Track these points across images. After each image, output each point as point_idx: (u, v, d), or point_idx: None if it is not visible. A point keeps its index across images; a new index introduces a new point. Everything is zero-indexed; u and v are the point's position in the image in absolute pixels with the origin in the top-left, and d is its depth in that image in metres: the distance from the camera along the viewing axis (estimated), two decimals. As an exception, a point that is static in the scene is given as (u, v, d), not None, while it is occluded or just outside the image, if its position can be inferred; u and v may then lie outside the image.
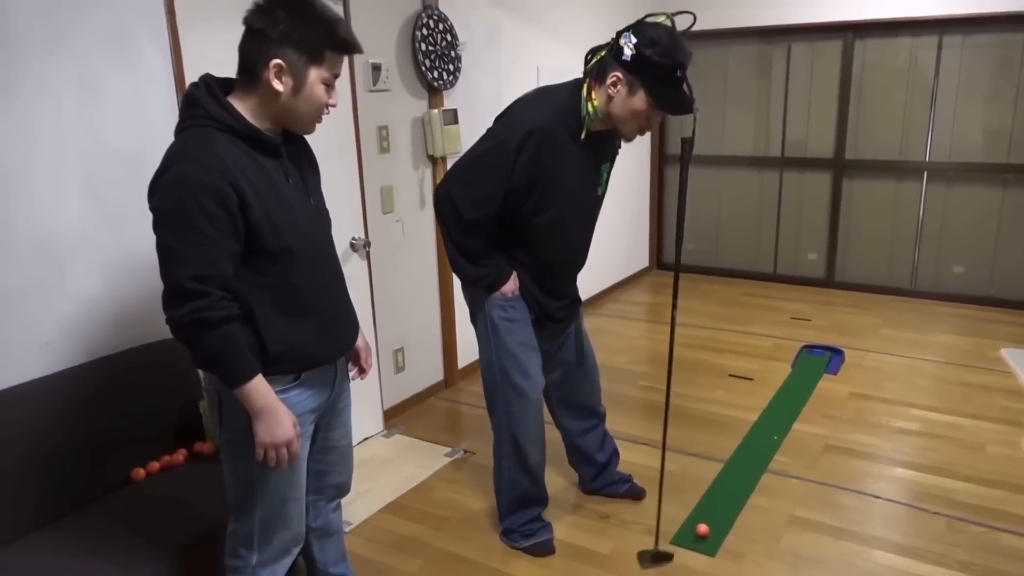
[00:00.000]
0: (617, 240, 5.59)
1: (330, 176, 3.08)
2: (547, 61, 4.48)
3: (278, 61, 1.57)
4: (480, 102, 3.94)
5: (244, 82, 1.63)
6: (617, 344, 4.54)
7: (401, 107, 3.42)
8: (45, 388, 2.18)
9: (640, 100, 2.16)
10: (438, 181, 3.65)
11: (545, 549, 2.59)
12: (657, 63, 2.09)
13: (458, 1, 3.68)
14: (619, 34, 2.14)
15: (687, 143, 2.22)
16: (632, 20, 2.17)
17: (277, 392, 1.68)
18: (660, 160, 6.15)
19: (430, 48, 3.46)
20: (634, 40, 2.09)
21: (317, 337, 1.76)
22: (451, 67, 3.61)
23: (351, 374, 2.06)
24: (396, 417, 3.60)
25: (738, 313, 5.12)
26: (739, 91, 5.73)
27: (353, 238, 3.20)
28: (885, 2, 4.93)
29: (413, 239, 3.62)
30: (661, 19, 2.16)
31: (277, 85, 1.59)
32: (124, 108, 2.32)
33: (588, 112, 2.21)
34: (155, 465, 2.33)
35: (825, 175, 5.53)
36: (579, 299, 2.68)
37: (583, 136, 2.25)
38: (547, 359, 2.60)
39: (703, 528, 2.64)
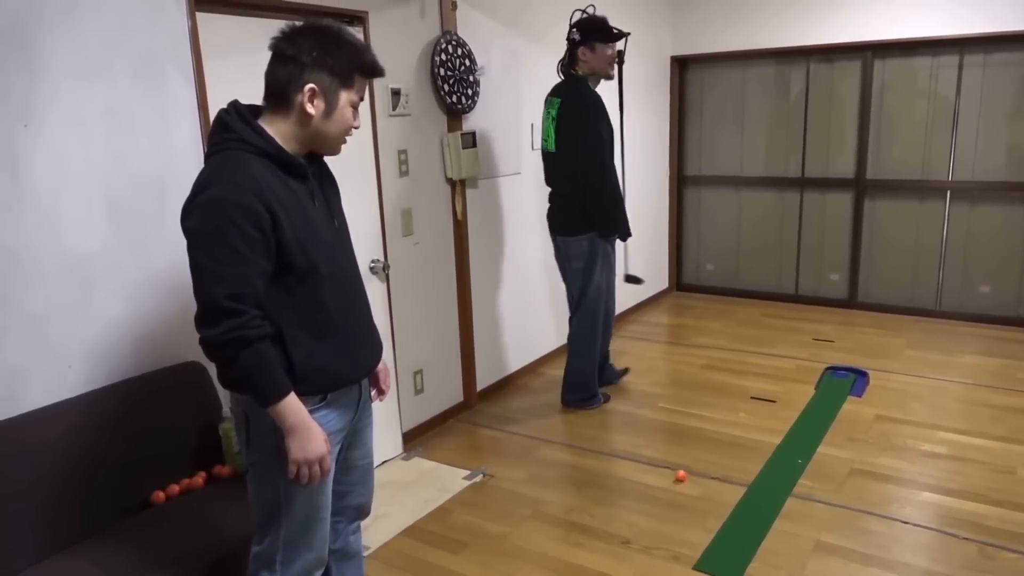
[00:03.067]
0: (636, 261, 5.56)
1: (350, 199, 3.11)
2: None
3: (312, 85, 1.62)
4: (498, 125, 3.97)
5: (274, 107, 1.67)
6: (637, 366, 4.50)
7: (420, 131, 3.46)
8: (67, 411, 2.20)
9: (602, 49, 3.55)
10: (457, 203, 3.68)
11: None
12: (589, 24, 3.59)
13: (476, 26, 3.73)
14: (569, 40, 3.64)
15: (620, 55, 3.69)
16: (647, 39, 2.52)
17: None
18: (678, 181, 6.14)
19: (449, 73, 3.50)
20: (575, 31, 3.60)
21: (344, 357, 1.77)
22: (469, 91, 3.64)
23: (371, 395, 2.07)
24: (415, 439, 3.59)
25: (760, 335, 5.06)
26: (757, 112, 5.73)
27: (373, 261, 3.22)
28: (904, 22, 4.92)
29: (432, 261, 3.63)
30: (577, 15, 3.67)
31: (310, 109, 1.63)
32: (149, 135, 2.37)
33: (585, 73, 3.62)
34: (175, 488, 2.34)
35: (846, 195, 5.49)
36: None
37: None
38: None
39: (681, 474, 3.15)
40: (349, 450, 1.96)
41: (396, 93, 3.26)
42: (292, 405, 1.64)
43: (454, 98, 3.54)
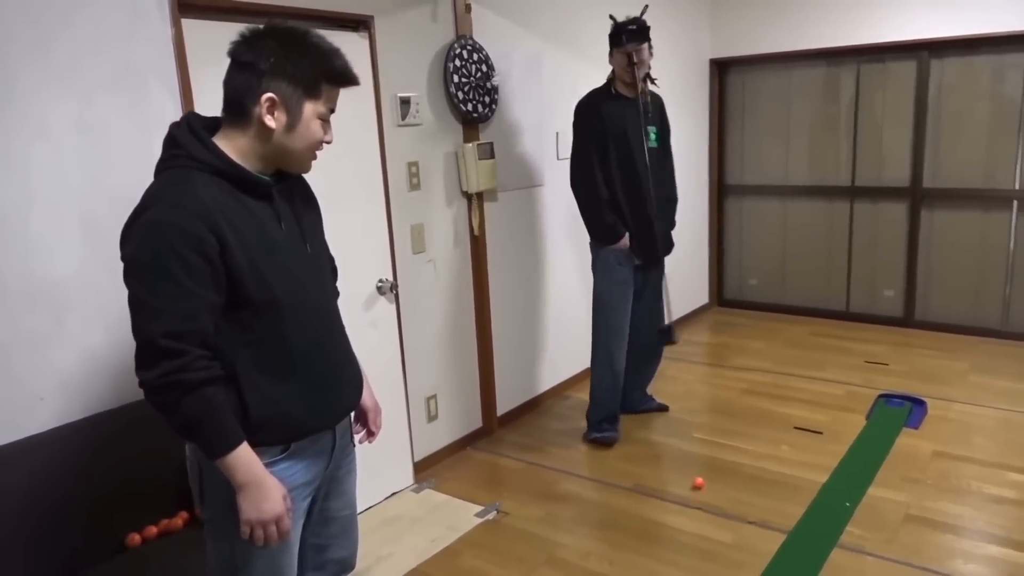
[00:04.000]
0: (675, 275, 5.26)
1: (355, 215, 2.96)
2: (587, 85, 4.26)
3: (270, 95, 1.43)
4: (519, 134, 3.74)
5: (231, 119, 1.48)
6: (672, 389, 4.22)
7: (433, 142, 3.25)
8: (38, 447, 2.05)
9: (616, 54, 3.29)
10: (474, 218, 3.46)
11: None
12: (611, 29, 3.32)
13: (494, 30, 3.52)
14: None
15: (628, 57, 3.28)
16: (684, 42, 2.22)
17: (264, 465, 1.49)
18: (719, 191, 5.83)
19: (464, 80, 3.29)
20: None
21: (309, 402, 1.56)
22: (487, 99, 3.43)
23: (358, 438, 1.86)
24: (428, 469, 3.38)
25: (806, 356, 4.71)
26: (804, 116, 5.38)
27: (380, 280, 3.03)
28: (963, 18, 4.53)
29: (446, 279, 3.42)
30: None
31: (270, 121, 1.44)
32: (128, 150, 2.21)
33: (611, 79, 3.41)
34: (152, 530, 2.17)
35: (901, 205, 5.10)
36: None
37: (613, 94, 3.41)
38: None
39: (699, 481, 3.12)
40: (327, 500, 1.76)
41: (405, 102, 3.07)
42: (243, 458, 1.44)
43: (469, 106, 3.33)
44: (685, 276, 5.50)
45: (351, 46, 2.84)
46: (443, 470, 3.40)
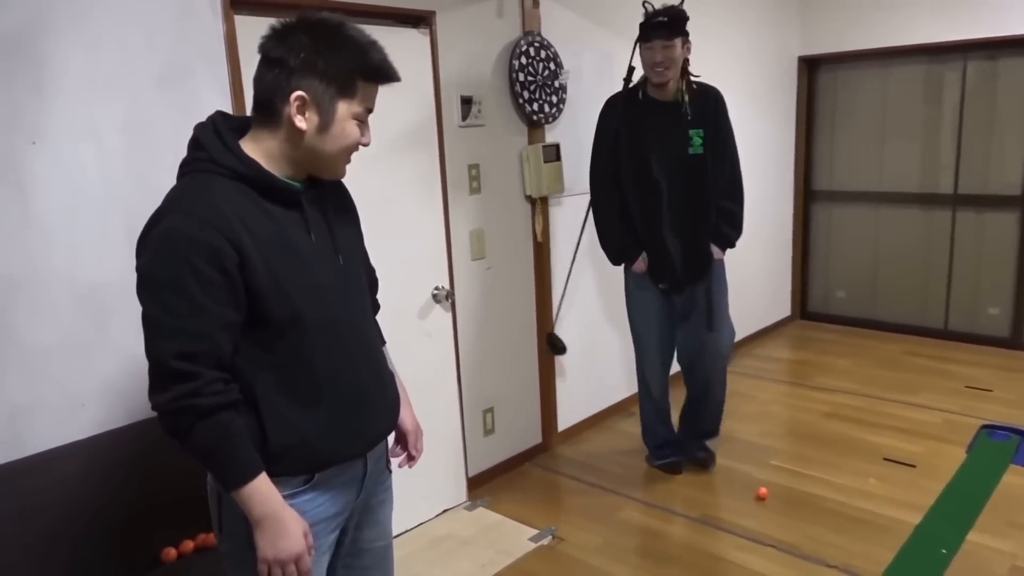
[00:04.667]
0: (753, 285, 4.96)
1: (411, 220, 2.81)
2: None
3: (300, 93, 1.30)
4: (588, 136, 3.54)
5: (260, 120, 1.36)
6: (747, 409, 3.93)
7: (495, 143, 3.11)
8: (77, 453, 2.01)
9: (644, 52, 2.83)
10: (537, 223, 3.30)
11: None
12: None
13: (564, 26, 3.34)
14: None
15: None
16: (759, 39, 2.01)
17: (285, 497, 1.37)
18: (805, 196, 5.46)
19: (529, 78, 3.13)
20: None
21: (336, 429, 1.42)
22: (554, 98, 3.25)
23: (398, 461, 1.72)
24: (482, 486, 3.23)
25: (899, 378, 4.33)
26: (902, 118, 4.97)
27: (435, 288, 2.90)
28: (1093, 7, 4.06)
29: (507, 287, 3.27)
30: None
31: (300, 122, 1.31)
32: (175, 151, 2.09)
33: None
34: (189, 544, 2.10)
35: (1010, 215, 4.64)
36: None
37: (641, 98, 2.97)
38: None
39: (763, 491, 3.04)
40: (359, 530, 1.62)
41: (467, 101, 2.93)
42: (261, 491, 1.31)
43: (535, 106, 3.17)
44: (765, 286, 5.17)
45: (411, 43, 2.73)
46: (498, 487, 3.25)
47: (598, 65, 3.54)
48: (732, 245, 3.06)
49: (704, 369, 3.15)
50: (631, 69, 2.92)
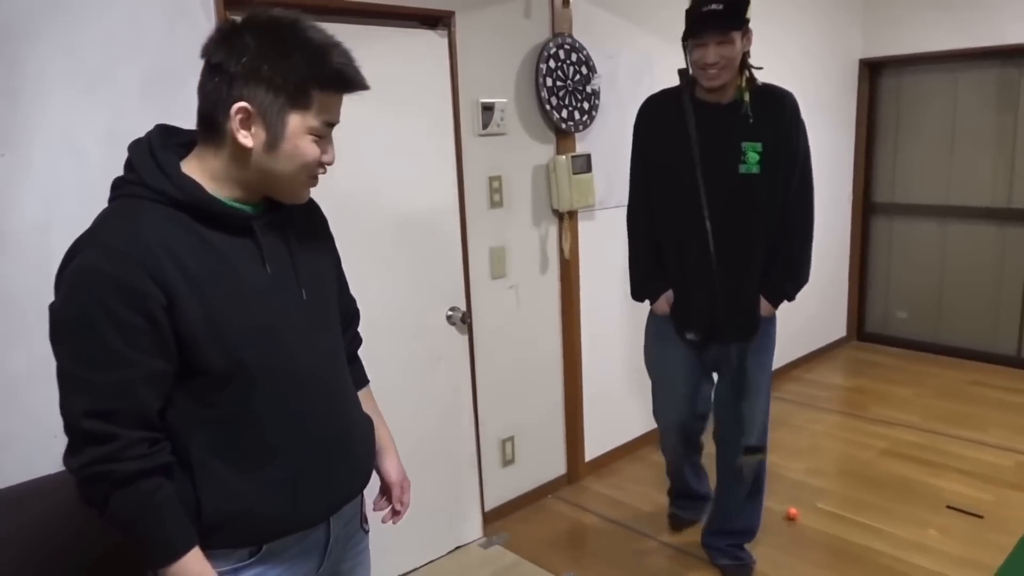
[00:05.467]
0: (805, 302, 4.61)
1: (424, 236, 2.57)
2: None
3: (243, 105, 1.10)
4: (622, 145, 3.29)
5: (204, 136, 1.17)
6: (793, 442, 3.62)
7: (519, 153, 2.89)
8: (49, 488, 1.87)
9: (694, 49, 2.19)
10: (565, 239, 3.07)
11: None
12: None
13: (598, 26, 3.11)
14: None
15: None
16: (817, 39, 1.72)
17: (225, 573, 1.19)
18: (864, 208, 5.09)
19: (558, 83, 2.90)
20: None
21: (287, 495, 1.22)
22: (585, 105, 3.02)
23: (380, 516, 1.53)
24: (501, 520, 3.01)
25: (965, 411, 3.94)
26: (972, 126, 4.56)
27: (450, 309, 2.69)
28: None
29: (530, 308, 3.04)
30: None
31: (244, 139, 1.12)
32: (161, 162, 1.99)
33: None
34: (164, 587, 1.93)
35: (1098, 233, 4.20)
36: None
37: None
38: None
39: (793, 512, 2.88)
40: (330, 597, 1.42)
41: (488, 108, 2.72)
42: (191, 571, 1.13)
43: (563, 113, 2.94)
44: (818, 303, 4.82)
45: (427, 46, 2.54)
46: (518, 522, 3.02)
47: (636, 68, 3.29)
48: (789, 298, 2.37)
49: (732, 445, 2.48)
50: (684, 73, 2.26)
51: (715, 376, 2.54)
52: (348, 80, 1.17)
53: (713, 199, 2.24)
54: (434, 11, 2.52)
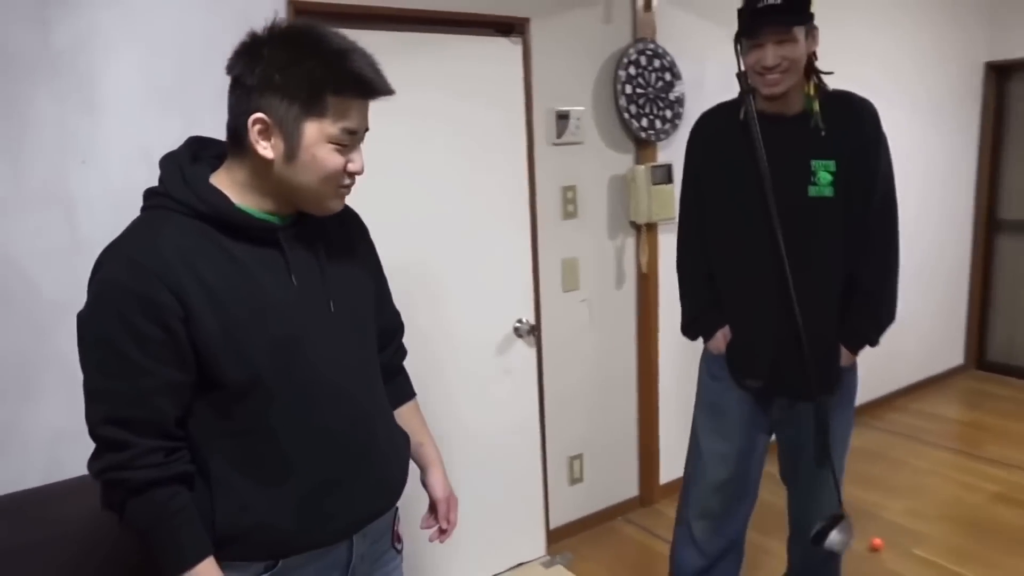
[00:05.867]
0: (916, 325, 4.27)
1: (492, 247, 2.52)
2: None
3: (259, 116, 1.10)
4: (710, 155, 3.15)
5: (232, 148, 1.18)
6: (893, 478, 3.33)
7: (595, 163, 2.80)
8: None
9: (748, 50, 1.84)
10: (642, 253, 2.95)
11: None
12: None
13: (684, 31, 2.97)
14: None
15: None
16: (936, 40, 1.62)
17: None
18: (988, 225, 4.65)
19: (638, 91, 2.79)
20: None
21: (306, 511, 1.20)
22: (667, 113, 2.89)
23: (428, 535, 1.50)
24: (565, 540, 2.92)
25: (1100, 454, 3.52)
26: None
27: (518, 321, 2.64)
28: None
29: (604, 323, 2.94)
30: None
31: (264, 150, 1.12)
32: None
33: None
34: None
35: None
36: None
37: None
38: None
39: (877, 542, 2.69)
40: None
41: (563, 117, 2.65)
42: None
43: (643, 122, 2.83)
44: (932, 326, 4.44)
45: (500, 53, 2.50)
46: (583, 543, 2.93)
47: (723, 74, 3.09)
48: (872, 343, 1.99)
49: (804, 527, 2.07)
50: (744, 78, 1.90)
51: (773, 437, 2.15)
52: (365, 83, 1.13)
53: (779, 227, 1.88)
54: (509, 18, 2.47)
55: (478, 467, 2.62)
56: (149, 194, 1.18)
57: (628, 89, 2.76)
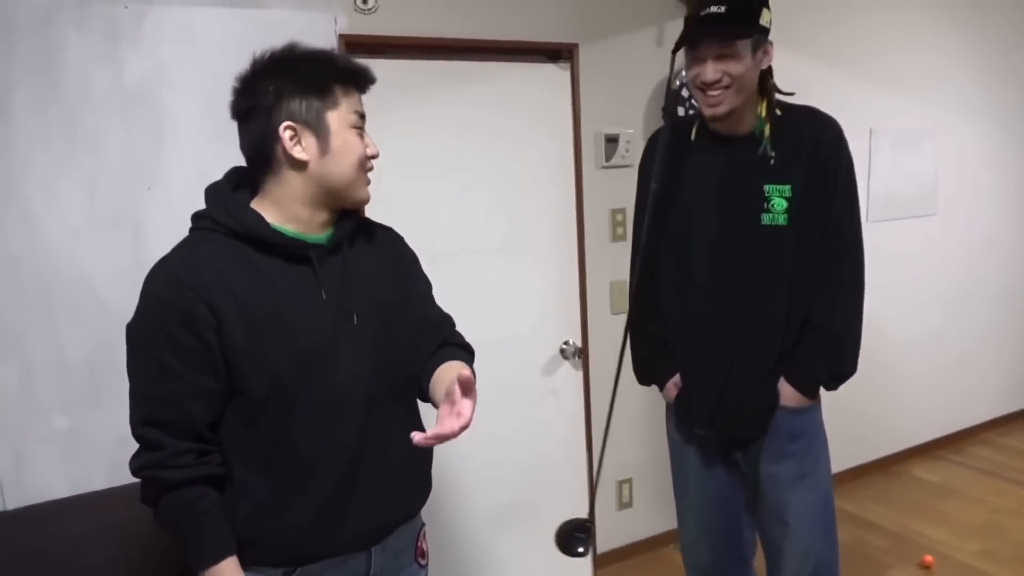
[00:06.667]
0: (1000, 354, 4.02)
1: (539, 269, 2.57)
2: (882, 119, 3.41)
3: (287, 123, 1.21)
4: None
5: (261, 174, 1.28)
6: (967, 517, 3.13)
7: (646, 186, 2.79)
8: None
9: (688, 62, 1.66)
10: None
11: None
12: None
13: (744, 52, 2.93)
14: None
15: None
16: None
17: None
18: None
19: (691, 113, 2.77)
20: None
21: (323, 519, 1.27)
22: (721, 135, 2.85)
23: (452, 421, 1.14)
24: (613, 566, 2.90)
25: None
26: None
27: (564, 343, 2.65)
28: None
29: (655, 346, 2.91)
30: None
31: (300, 153, 1.22)
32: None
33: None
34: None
35: None
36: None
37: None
38: None
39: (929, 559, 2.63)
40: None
41: (612, 140, 2.66)
42: None
43: (695, 144, 2.80)
44: (1015, 351, 4.16)
45: (548, 78, 2.55)
46: (631, 570, 2.89)
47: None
48: (826, 386, 1.74)
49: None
50: (673, 93, 1.72)
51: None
52: (357, 72, 1.27)
53: (726, 256, 1.70)
54: (557, 44, 2.51)
55: (523, 489, 2.63)
56: (195, 217, 1.29)
57: (681, 111, 2.75)
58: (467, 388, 1.11)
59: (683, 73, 2.28)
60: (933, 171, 3.70)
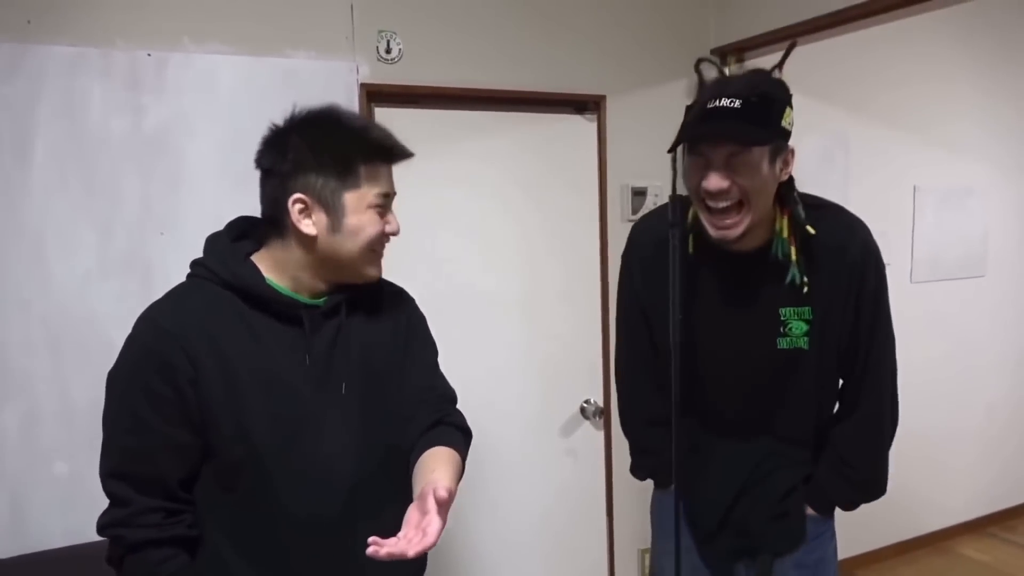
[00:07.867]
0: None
1: (559, 325, 2.48)
2: (927, 177, 3.29)
3: (299, 196, 1.16)
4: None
5: (270, 234, 1.24)
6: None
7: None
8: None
9: (690, 163, 1.37)
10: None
11: None
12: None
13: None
14: None
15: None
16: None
17: None
18: None
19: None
20: None
21: None
22: (754, 189, 2.76)
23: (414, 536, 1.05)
24: (633, 641, 2.72)
25: None
26: None
27: (585, 402, 2.55)
28: None
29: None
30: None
31: (307, 228, 1.17)
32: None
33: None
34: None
35: None
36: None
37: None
38: None
39: None
40: None
41: (639, 193, 2.59)
42: None
43: (726, 199, 2.70)
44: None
45: (574, 130, 2.51)
46: (651, 646, 2.71)
47: (826, 148, 2.98)
48: (844, 507, 1.57)
49: None
50: (677, 202, 1.42)
51: None
52: (389, 149, 1.20)
53: (738, 380, 1.50)
54: (584, 96, 2.47)
55: (538, 555, 2.51)
56: (192, 264, 1.25)
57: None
58: (441, 506, 1.00)
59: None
60: (982, 230, 3.54)
